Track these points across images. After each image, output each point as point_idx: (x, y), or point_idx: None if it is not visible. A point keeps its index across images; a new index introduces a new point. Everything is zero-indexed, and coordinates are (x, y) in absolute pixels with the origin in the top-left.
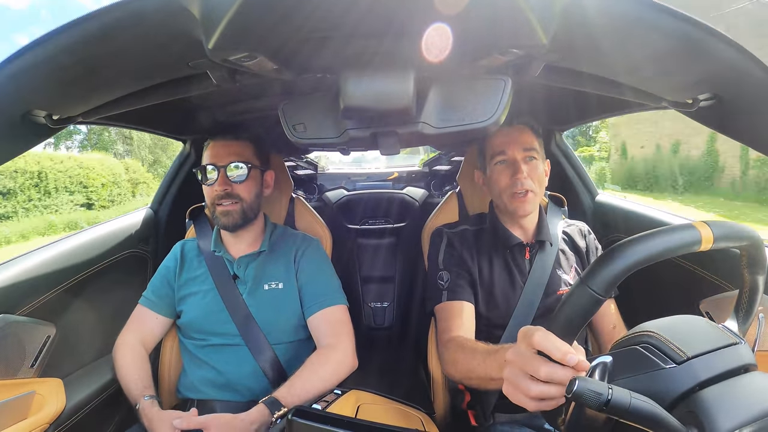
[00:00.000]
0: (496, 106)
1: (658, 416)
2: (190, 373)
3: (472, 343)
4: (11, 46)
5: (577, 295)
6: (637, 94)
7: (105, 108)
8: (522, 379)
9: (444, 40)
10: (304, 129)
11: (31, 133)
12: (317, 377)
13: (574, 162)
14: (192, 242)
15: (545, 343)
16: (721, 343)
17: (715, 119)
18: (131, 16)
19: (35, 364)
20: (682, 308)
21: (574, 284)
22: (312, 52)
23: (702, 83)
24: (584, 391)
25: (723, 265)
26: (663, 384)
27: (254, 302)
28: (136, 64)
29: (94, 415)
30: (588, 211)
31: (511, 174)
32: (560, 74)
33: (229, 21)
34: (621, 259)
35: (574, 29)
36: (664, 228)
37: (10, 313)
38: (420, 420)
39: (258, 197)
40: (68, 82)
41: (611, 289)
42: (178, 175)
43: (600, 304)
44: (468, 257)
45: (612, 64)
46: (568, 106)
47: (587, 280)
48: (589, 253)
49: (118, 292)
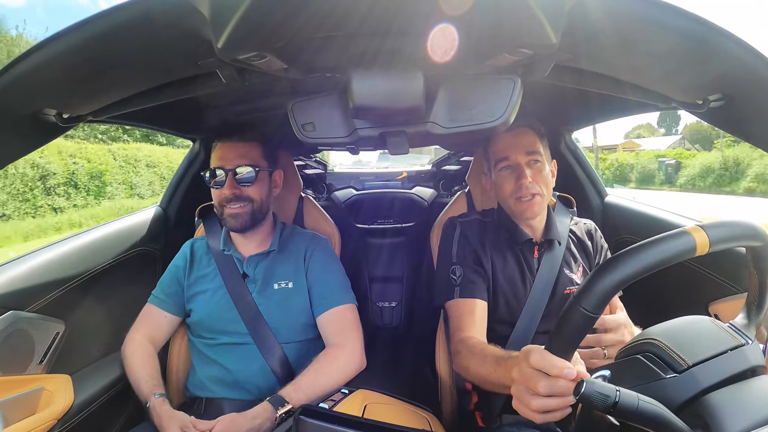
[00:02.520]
0: (506, 105)
1: (666, 419)
2: (199, 371)
3: (482, 348)
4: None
5: (571, 313)
6: (647, 95)
7: (115, 107)
8: (525, 395)
9: (452, 40)
10: (313, 128)
11: (42, 132)
12: (324, 376)
13: (583, 162)
14: (201, 241)
15: (542, 363)
16: (726, 347)
17: (725, 120)
18: (141, 15)
19: (44, 360)
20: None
21: (568, 302)
22: (320, 51)
23: (712, 84)
24: (592, 394)
25: (730, 267)
26: (665, 393)
27: (264, 301)
28: (145, 63)
29: (102, 411)
30: (597, 211)
31: (515, 179)
32: (569, 74)
33: (238, 20)
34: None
35: (583, 29)
36: (654, 239)
37: (20, 310)
38: (427, 420)
39: (267, 197)
40: (78, 82)
41: (603, 306)
42: (188, 174)
43: (594, 321)
44: (481, 252)
45: (622, 65)
46: (578, 106)
47: (579, 300)
48: (596, 252)
49: (127, 290)
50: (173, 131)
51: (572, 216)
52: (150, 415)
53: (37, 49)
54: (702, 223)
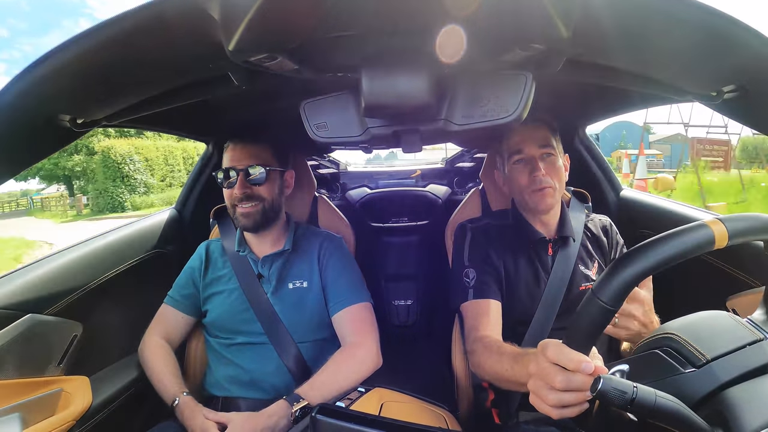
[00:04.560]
0: (518, 101)
1: (684, 415)
2: (215, 370)
3: (498, 346)
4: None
5: (589, 306)
6: (661, 88)
7: (128, 111)
8: (542, 389)
9: (464, 36)
10: (326, 128)
11: (56, 137)
12: (341, 375)
13: (597, 157)
14: (216, 242)
15: (559, 357)
16: (745, 341)
17: (740, 111)
18: (152, 20)
19: (62, 362)
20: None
21: (586, 296)
22: (332, 51)
23: (727, 75)
24: (609, 390)
25: (749, 261)
26: (683, 388)
27: (279, 301)
28: (158, 67)
29: (120, 412)
30: (612, 206)
31: (529, 172)
32: (582, 68)
33: (248, 23)
34: (629, 269)
35: (595, 23)
36: (673, 231)
37: (39, 313)
38: (444, 418)
39: (279, 197)
40: (91, 87)
41: (622, 299)
42: (202, 176)
43: (612, 314)
44: (493, 253)
45: (635, 58)
46: (591, 100)
47: (597, 292)
48: (612, 248)
49: (144, 292)
50: (187, 134)
51: (587, 212)
52: (177, 413)
53: (51, 55)
54: (721, 216)
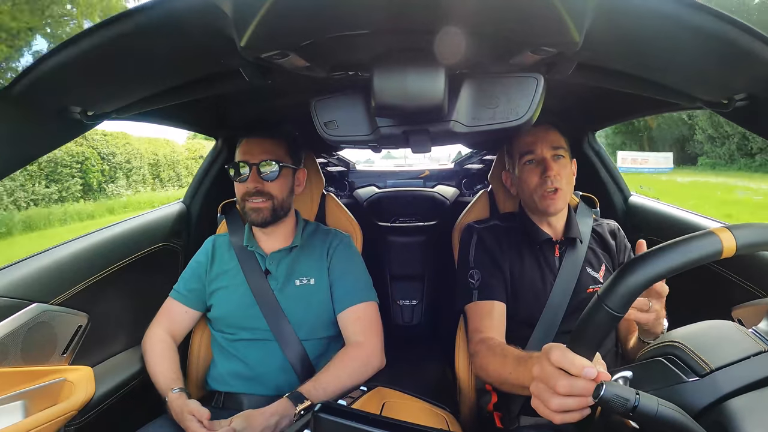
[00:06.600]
0: (529, 104)
1: (686, 425)
2: (219, 365)
3: (502, 348)
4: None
5: (594, 312)
6: (672, 94)
7: (138, 104)
8: (545, 393)
9: (475, 38)
10: (336, 126)
11: (66, 129)
12: (344, 374)
13: (606, 162)
14: (223, 237)
15: (563, 361)
16: (749, 352)
17: (751, 119)
18: (165, 15)
19: (66, 352)
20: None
21: (592, 301)
22: (343, 50)
23: (739, 83)
24: (611, 396)
25: (755, 271)
26: (686, 397)
27: (285, 298)
28: (169, 61)
29: (122, 403)
30: (620, 212)
31: (540, 172)
32: (593, 73)
33: (261, 19)
34: (636, 276)
35: (607, 27)
36: (681, 239)
37: (45, 302)
38: (445, 419)
39: (289, 195)
40: (102, 80)
41: (628, 305)
42: (210, 171)
43: (617, 320)
44: (499, 255)
45: (646, 64)
46: (601, 105)
47: (603, 298)
48: (620, 251)
49: (149, 285)
50: (196, 129)
51: (595, 216)
52: (168, 409)
53: (63, 47)
54: (729, 225)
